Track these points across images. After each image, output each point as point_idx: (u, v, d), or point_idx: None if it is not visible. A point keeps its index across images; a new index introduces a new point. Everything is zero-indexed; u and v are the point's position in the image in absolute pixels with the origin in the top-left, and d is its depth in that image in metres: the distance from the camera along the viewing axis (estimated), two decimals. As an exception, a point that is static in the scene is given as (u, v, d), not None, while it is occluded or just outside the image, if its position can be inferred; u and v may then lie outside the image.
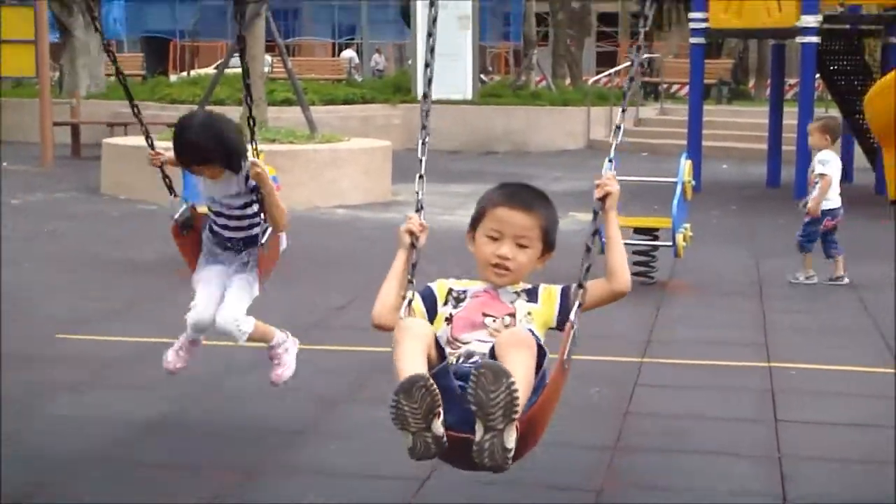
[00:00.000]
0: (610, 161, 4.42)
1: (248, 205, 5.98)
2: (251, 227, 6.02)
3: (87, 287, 9.95)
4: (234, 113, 18.48)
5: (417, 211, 4.42)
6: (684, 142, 17.53)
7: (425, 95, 4.58)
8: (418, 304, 4.28)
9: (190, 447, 5.83)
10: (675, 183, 10.05)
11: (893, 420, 6.40)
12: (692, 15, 17.53)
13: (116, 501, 5.14)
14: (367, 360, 7.64)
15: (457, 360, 4.05)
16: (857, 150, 18.99)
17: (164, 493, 5.20)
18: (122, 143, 17.54)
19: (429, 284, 4.33)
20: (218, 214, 6.00)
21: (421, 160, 4.50)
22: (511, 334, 3.91)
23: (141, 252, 11.87)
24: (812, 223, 10.45)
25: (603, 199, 4.27)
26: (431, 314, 4.26)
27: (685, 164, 10.33)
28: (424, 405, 3.65)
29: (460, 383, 3.83)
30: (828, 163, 10.68)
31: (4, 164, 19.52)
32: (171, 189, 6.32)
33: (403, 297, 4.31)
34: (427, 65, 4.47)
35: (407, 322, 4.06)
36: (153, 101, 25.83)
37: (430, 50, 4.52)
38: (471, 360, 4.00)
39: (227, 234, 6.01)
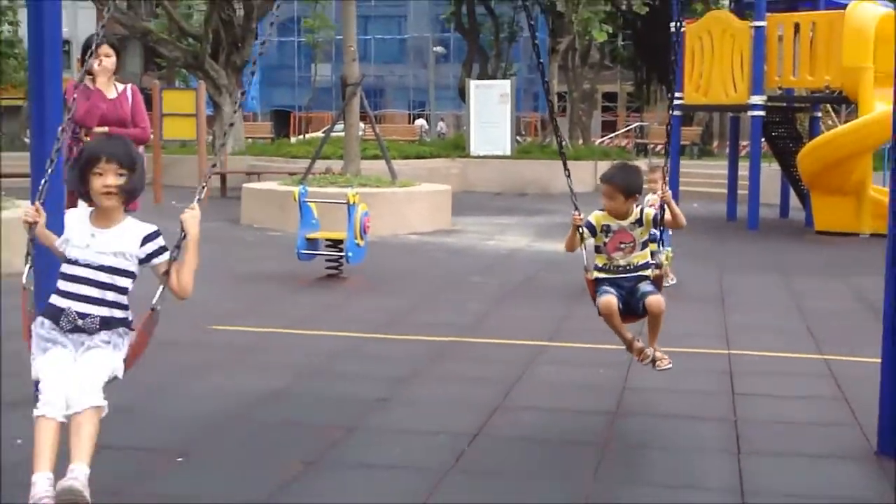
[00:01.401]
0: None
1: (130, 263, 4.04)
2: (122, 287, 4.04)
3: (229, 291, 9.93)
4: (337, 165, 18.63)
5: (576, 209, 5.72)
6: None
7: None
8: (586, 232, 5.68)
9: (301, 412, 5.76)
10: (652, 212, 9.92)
11: (817, 392, 6.32)
12: (672, 95, 17.40)
13: (250, 453, 5.07)
14: (431, 347, 7.59)
15: (612, 267, 5.68)
16: (792, 194, 18.85)
17: (285, 447, 5.14)
18: (256, 187, 17.60)
19: (588, 218, 5.70)
20: (83, 270, 3.98)
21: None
22: (653, 303, 5.55)
23: (267, 266, 11.88)
24: None
25: (667, 203, 5.91)
26: (593, 233, 5.72)
27: (649, 198, 10.23)
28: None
29: (622, 293, 5.60)
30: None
31: (173, 202, 19.61)
32: (30, 246, 4.22)
33: (579, 241, 5.72)
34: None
35: (605, 302, 5.52)
36: (279, 156, 26.11)
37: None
38: (618, 268, 5.65)
39: (89, 296, 3.97)
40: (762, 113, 16.87)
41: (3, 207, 11.63)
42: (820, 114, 19.46)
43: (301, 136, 39.19)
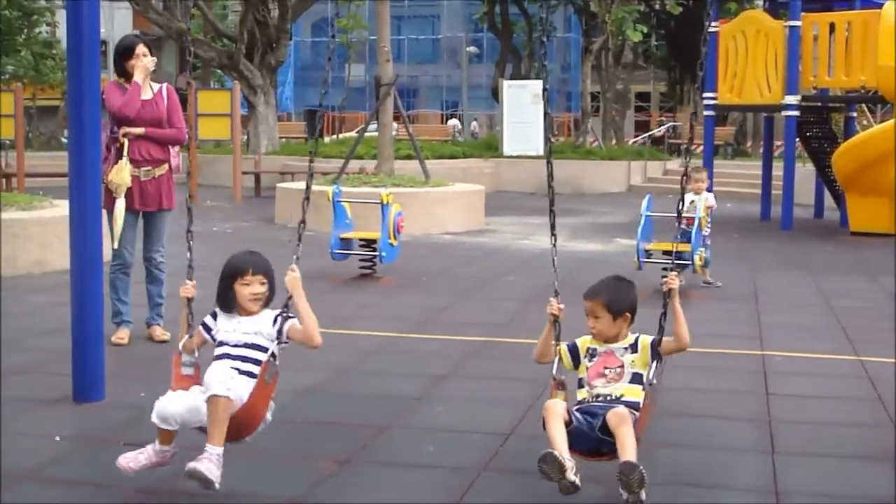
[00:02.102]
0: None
1: (266, 339, 4.64)
2: (260, 356, 4.56)
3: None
4: (371, 165, 18.67)
5: (556, 295, 4.74)
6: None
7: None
8: (566, 354, 4.65)
9: (336, 410, 5.80)
10: (694, 217, 9.88)
11: (852, 393, 6.29)
12: (705, 94, 17.35)
13: (286, 449, 5.11)
14: (465, 346, 7.61)
15: (592, 399, 4.46)
16: (827, 194, 18.75)
17: (320, 444, 5.19)
18: (289, 187, 17.67)
19: (575, 341, 4.66)
20: (234, 348, 4.60)
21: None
22: (614, 415, 4.19)
23: (301, 265, 11.85)
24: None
25: (668, 292, 4.64)
26: (576, 361, 4.63)
27: (704, 198, 10.18)
28: (556, 468, 4.05)
29: (588, 419, 4.29)
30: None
31: (208, 201, 19.75)
32: (188, 326, 4.79)
33: (554, 351, 4.68)
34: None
35: (551, 404, 4.34)
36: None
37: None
38: (597, 399, 4.44)
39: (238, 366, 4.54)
40: (796, 113, 16.77)
41: (42, 207, 11.75)
42: (855, 114, 19.34)
43: (334, 136, 39.28)
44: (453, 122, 47.31)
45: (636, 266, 9.64)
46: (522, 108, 27.36)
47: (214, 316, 4.69)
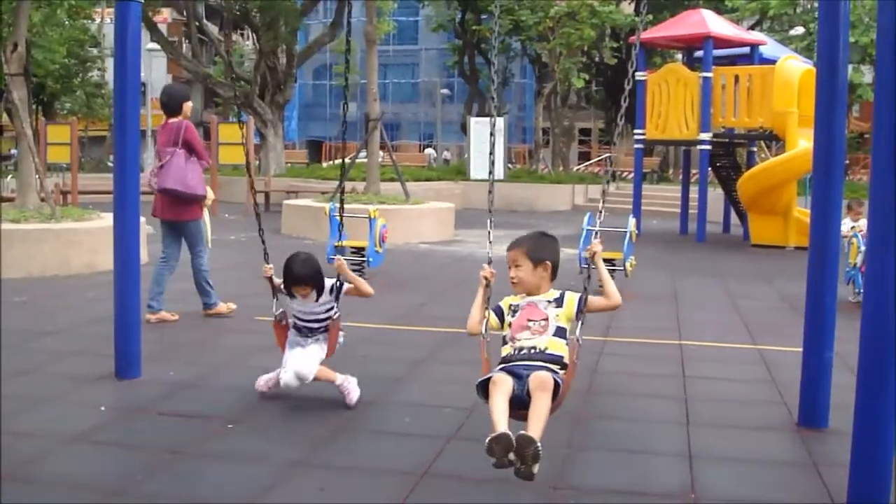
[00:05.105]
0: (590, 230, 4.74)
1: (328, 311, 5.42)
2: (323, 321, 5.43)
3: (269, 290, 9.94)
4: (361, 186, 18.66)
5: (489, 263, 4.31)
6: (631, 206, 17.37)
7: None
8: (493, 317, 4.14)
9: (330, 387, 5.77)
10: (626, 231, 9.94)
11: (752, 375, 6.34)
12: (636, 131, 17.44)
13: (288, 421, 5.11)
14: (438, 337, 7.60)
15: (516, 352, 3.97)
16: (733, 213, 18.87)
17: (316, 416, 5.18)
18: (295, 203, 17.58)
19: (499, 303, 4.20)
20: (302, 321, 5.44)
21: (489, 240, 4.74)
22: (536, 378, 3.68)
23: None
24: None
25: (592, 256, 4.21)
26: (500, 320, 4.13)
27: (631, 220, 10.22)
28: (503, 448, 3.42)
29: (518, 383, 3.74)
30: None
31: (226, 214, 19.66)
32: (274, 294, 5.66)
33: (485, 315, 4.15)
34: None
35: (500, 379, 3.73)
36: (313, 178, 26.05)
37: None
38: (521, 352, 3.93)
39: (308, 329, 5.42)
40: (709, 147, 16.89)
41: (91, 219, 11.68)
42: (756, 148, 19.49)
43: (331, 162, 39.15)
44: (429, 151, 47.27)
45: (578, 270, 9.68)
46: (486, 140, 27.40)
47: (285, 292, 5.45)
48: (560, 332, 4.01)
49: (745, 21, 31.12)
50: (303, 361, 5.27)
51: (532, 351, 3.93)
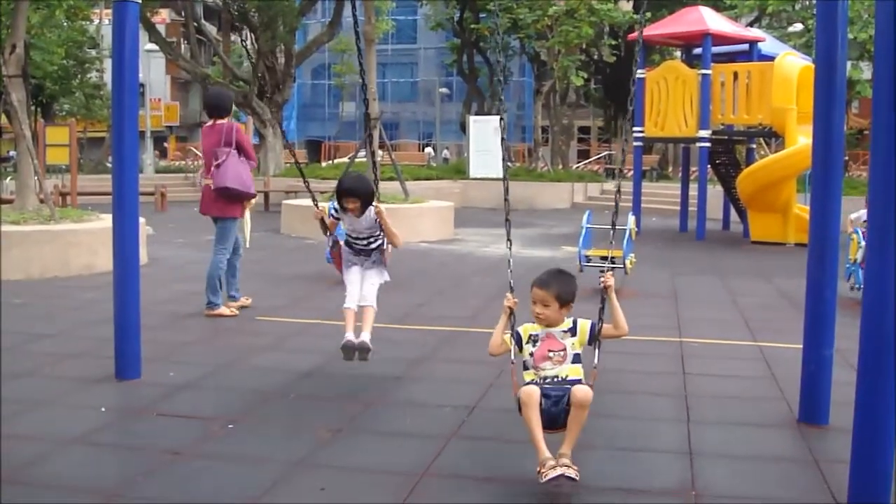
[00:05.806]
0: (607, 266, 4.84)
1: (373, 230, 5.98)
2: (375, 240, 6.02)
3: (272, 289, 9.96)
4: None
5: (511, 291, 4.52)
6: (631, 204, 17.35)
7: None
8: (512, 343, 4.37)
9: (331, 387, 5.78)
10: (626, 229, 9.93)
11: (752, 372, 6.33)
12: (635, 128, 17.42)
13: (288, 421, 5.10)
14: (437, 335, 7.60)
15: (541, 380, 4.21)
16: (732, 210, 18.87)
17: (317, 416, 5.16)
18: (294, 203, 17.60)
19: (517, 329, 4.38)
20: (355, 239, 6.01)
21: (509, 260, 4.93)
22: (580, 391, 4.03)
23: (304, 268, 11.89)
24: None
25: (605, 288, 4.41)
26: (519, 346, 4.34)
27: (631, 218, 10.22)
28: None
29: (555, 396, 4.09)
30: None
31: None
32: (325, 231, 6.24)
33: (505, 341, 4.41)
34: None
35: (529, 392, 4.08)
36: (311, 178, 25.93)
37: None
38: (546, 381, 4.20)
39: (360, 247, 6.03)
40: (708, 144, 16.89)
41: (90, 220, 11.67)
42: (755, 145, 19.47)
43: (330, 161, 39.16)
44: (428, 150, 47.30)
45: (578, 269, 9.68)
46: (485, 138, 27.38)
47: (337, 211, 5.99)
48: (576, 359, 4.31)
49: (744, 18, 31.13)
50: (364, 291, 5.92)
51: (556, 379, 4.23)
